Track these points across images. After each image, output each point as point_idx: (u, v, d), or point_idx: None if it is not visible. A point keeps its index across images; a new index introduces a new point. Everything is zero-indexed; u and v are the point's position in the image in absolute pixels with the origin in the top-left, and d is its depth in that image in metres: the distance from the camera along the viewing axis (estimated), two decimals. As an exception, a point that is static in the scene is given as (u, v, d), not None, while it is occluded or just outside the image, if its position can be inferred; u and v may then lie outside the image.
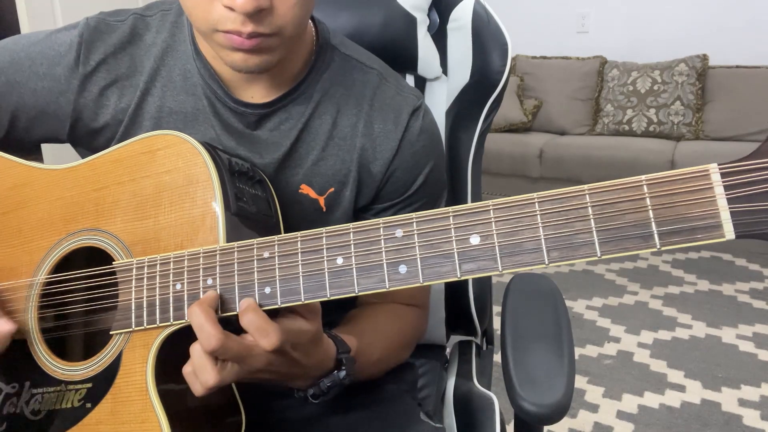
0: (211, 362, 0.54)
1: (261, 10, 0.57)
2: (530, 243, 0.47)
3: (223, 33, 0.59)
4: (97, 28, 0.72)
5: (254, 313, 0.53)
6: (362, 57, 0.77)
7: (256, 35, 0.59)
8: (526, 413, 0.67)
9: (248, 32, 0.58)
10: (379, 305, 0.78)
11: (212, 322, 0.53)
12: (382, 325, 0.76)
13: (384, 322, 0.77)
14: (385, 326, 0.77)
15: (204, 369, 0.54)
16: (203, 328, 0.52)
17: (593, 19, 3.86)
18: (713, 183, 0.42)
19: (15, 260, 0.69)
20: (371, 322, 0.75)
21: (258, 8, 0.56)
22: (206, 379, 0.54)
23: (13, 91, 0.73)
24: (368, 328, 0.73)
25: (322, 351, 0.62)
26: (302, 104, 0.72)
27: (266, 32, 0.59)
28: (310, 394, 0.64)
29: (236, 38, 0.59)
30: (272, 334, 0.53)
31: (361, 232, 0.52)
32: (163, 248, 0.61)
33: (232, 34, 0.59)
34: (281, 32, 0.60)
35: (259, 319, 0.53)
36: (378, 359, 0.74)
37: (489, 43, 0.89)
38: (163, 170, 0.63)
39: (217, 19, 0.58)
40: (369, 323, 0.74)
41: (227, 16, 0.58)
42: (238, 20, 0.57)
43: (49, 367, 0.65)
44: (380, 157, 0.74)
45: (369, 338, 0.71)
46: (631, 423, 1.81)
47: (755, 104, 3.29)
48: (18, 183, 0.71)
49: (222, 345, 0.52)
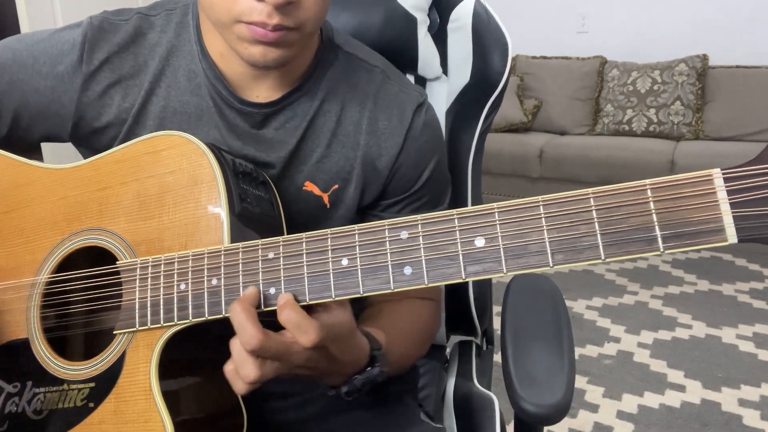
0: (251, 358, 0.53)
1: (290, 3, 0.58)
2: (535, 245, 0.47)
3: (246, 24, 0.60)
4: (101, 27, 0.72)
5: (292, 309, 0.53)
6: (365, 55, 0.77)
7: (280, 28, 0.59)
8: (527, 413, 0.67)
9: (274, 24, 0.59)
10: (396, 301, 0.78)
11: (253, 321, 0.52)
12: (403, 321, 0.76)
13: (405, 318, 0.76)
14: (406, 322, 0.76)
15: (245, 364, 0.53)
16: (244, 327, 0.52)
17: (593, 19, 3.86)
18: (716, 188, 0.43)
19: (17, 259, 0.69)
20: (393, 318, 0.74)
21: (288, 0, 0.57)
22: (247, 373, 0.53)
23: (15, 90, 0.73)
24: (390, 324, 0.72)
25: (357, 346, 0.61)
26: (307, 102, 0.72)
27: (290, 26, 0.60)
28: (344, 391, 0.63)
29: (260, 30, 0.59)
30: (310, 331, 0.52)
31: (366, 234, 0.52)
32: (167, 248, 0.61)
33: (256, 25, 0.59)
34: (303, 27, 0.61)
35: (297, 315, 0.52)
36: (402, 355, 0.73)
37: (489, 43, 0.89)
38: (167, 170, 0.63)
39: (241, 10, 0.59)
40: (390, 319, 0.73)
41: (254, 7, 0.58)
42: (265, 12, 0.58)
43: (52, 366, 0.65)
44: (385, 154, 0.74)
45: (393, 334, 0.70)
46: (631, 423, 1.82)
47: (755, 104, 3.30)
48: (21, 182, 0.71)
49: (262, 345, 0.52)
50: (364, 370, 0.63)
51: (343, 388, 0.63)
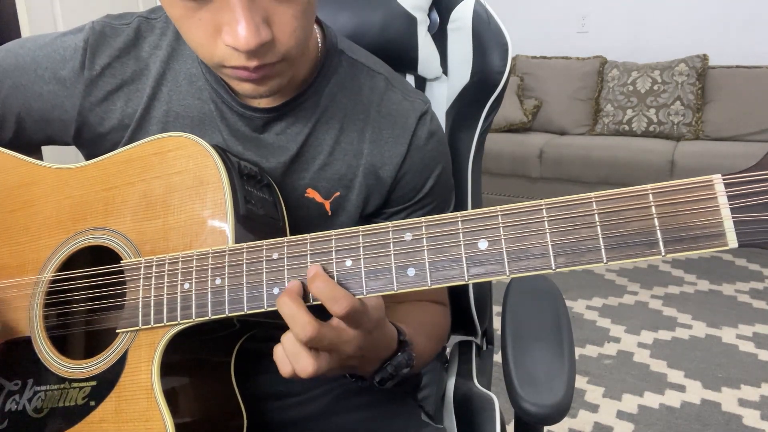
0: (305, 350, 0.53)
1: (263, 45, 0.57)
2: (537, 248, 0.47)
3: (230, 68, 0.59)
4: (103, 32, 0.72)
5: (322, 280, 0.52)
6: (369, 62, 0.77)
7: (262, 66, 0.59)
8: (527, 413, 0.67)
9: (254, 66, 0.58)
10: (410, 303, 0.78)
11: (305, 310, 0.52)
12: (418, 320, 0.76)
13: (420, 317, 0.77)
14: (421, 320, 0.76)
15: (300, 357, 0.53)
16: (297, 317, 0.52)
17: (593, 19, 3.86)
18: (717, 193, 0.43)
19: (22, 258, 0.69)
20: (408, 316, 0.74)
21: (260, 44, 0.56)
22: (304, 366, 0.53)
23: (18, 95, 0.73)
24: (410, 319, 0.72)
25: (389, 329, 0.62)
26: (309, 109, 0.72)
27: (272, 61, 0.59)
28: (377, 380, 0.64)
29: (243, 72, 0.59)
30: (342, 300, 0.52)
31: (370, 235, 0.52)
32: (172, 248, 0.61)
33: (238, 69, 0.59)
34: (287, 56, 0.60)
35: (328, 285, 0.52)
36: (422, 348, 0.73)
37: (489, 43, 0.89)
38: (173, 171, 0.63)
39: (221, 56, 0.58)
40: (407, 317, 0.73)
41: (231, 53, 0.57)
42: (242, 57, 0.57)
43: (53, 364, 0.65)
44: (389, 162, 0.74)
45: (413, 327, 0.70)
46: (631, 423, 1.82)
47: (755, 104, 3.30)
48: (26, 182, 0.71)
49: (317, 333, 0.52)
50: (394, 356, 0.64)
51: (375, 376, 0.64)
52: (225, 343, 0.66)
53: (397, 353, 0.64)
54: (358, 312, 0.53)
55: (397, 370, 0.63)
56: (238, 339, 0.66)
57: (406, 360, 0.64)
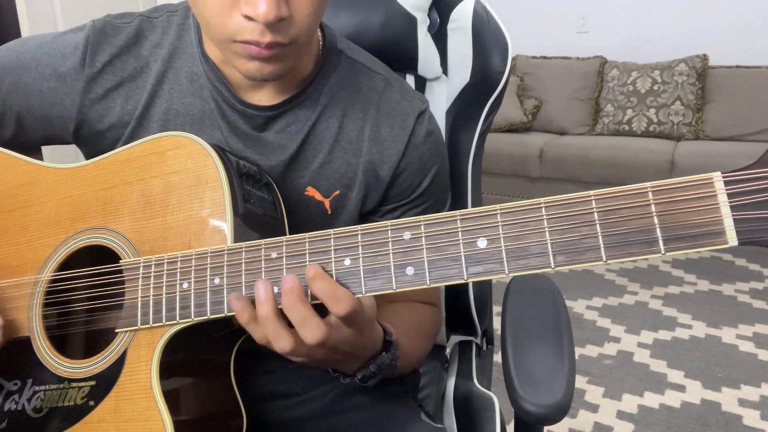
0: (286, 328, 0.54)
1: (281, 20, 0.57)
2: (537, 247, 0.47)
3: (241, 43, 0.60)
4: (104, 30, 0.73)
5: (323, 279, 0.52)
6: (368, 61, 0.77)
7: (274, 44, 0.59)
8: (527, 413, 0.67)
9: (267, 42, 0.59)
10: (399, 303, 0.78)
11: (314, 313, 0.53)
12: (407, 319, 0.76)
13: (407, 318, 0.77)
14: (408, 321, 0.76)
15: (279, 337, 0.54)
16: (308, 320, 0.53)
17: (593, 19, 3.86)
18: (716, 191, 0.43)
19: (21, 257, 0.69)
20: (396, 316, 0.74)
21: (279, 18, 0.57)
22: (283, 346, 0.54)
23: (19, 92, 0.73)
24: (397, 320, 0.72)
25: (376, 329, 0.62)
26: (309, 107, 0.72)
27: (284, 41, 0.60)
28: (359, 377, 0.64)
29: (254, 48, 0.59)
30: (344, 300, 0.52)
31: (369, 234, 0.52)
32: (171, 247, 0.61)
33: (250, 44, 0.59)
34: (296, 41, 0.61)
35: (330, 285, 0.52)
36: (408, 349, 0.73)
37: (489, 43, 0.89)
38: (172, 171, 0.63)
39: (234, 29, 0.59)
40: (397, 317, 0.74)
41: (246, 26, 0.58)
42: (257, 30, 0.58)
43: (52, 364, 0.65)
44: (387, 161, 0.74)
45: (400, 328, 0.70)
46: (631, 423, 1.82)
47: (755, 104, 3.30)
48: (25, 181, 0.71)
49: (327, 335, 0.53)
50: (379, 356, 0.64)
51: (358, 374, 0.64)
52: (224, 342, 0.66)
53: (381, 353, 0.64)
54: (357, 312, 0.53)
55: (380, 369, 0.64)
56: (237, 339, 0.66)
57: (389, 360, 0.64)
